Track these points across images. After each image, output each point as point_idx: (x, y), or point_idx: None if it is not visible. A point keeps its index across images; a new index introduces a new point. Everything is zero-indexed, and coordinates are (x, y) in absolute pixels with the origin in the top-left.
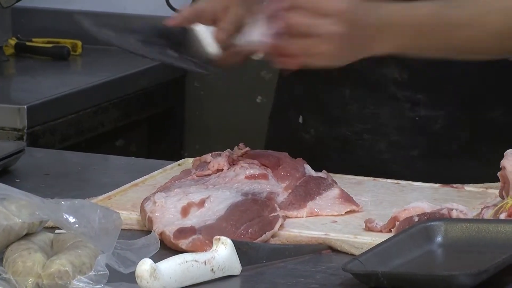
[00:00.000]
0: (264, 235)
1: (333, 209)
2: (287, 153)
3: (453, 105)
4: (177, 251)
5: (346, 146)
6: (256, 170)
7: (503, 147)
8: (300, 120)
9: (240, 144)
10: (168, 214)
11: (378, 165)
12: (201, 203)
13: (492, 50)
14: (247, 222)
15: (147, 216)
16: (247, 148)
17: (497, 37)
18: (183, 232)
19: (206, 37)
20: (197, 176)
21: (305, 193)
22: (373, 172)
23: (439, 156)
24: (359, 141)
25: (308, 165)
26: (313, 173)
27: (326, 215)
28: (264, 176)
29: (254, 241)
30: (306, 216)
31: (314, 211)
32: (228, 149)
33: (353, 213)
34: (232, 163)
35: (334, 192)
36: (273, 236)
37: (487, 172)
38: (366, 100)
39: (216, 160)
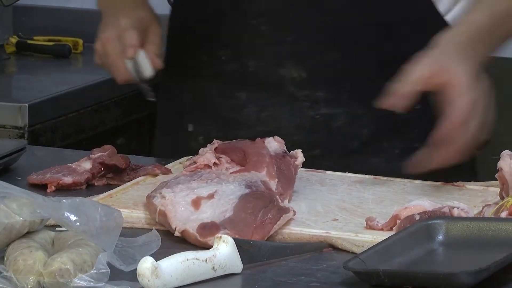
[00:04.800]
0: (281, 218)
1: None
2: (247, 140)
3: (353, 102)
4: (203, 247)
5: None
6: (236, 167)
7: (403, 143)
8: (190, 128)
9: (214, 140)
10: (180, 207)
11: None
12: (211, 197)
13: None
14: (263, 208)
15: (158, 210)
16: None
17: None
18: (206, 228)
19: (143, 60)
20: (187, 172)
21: (288, 181)
22: None
23: (340, 154)
24: None
25: (270, 139)
26: (277, 148)
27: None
28: (247, 170)
29: (257, 240)
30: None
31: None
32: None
33: (354, 212)
34: (218, 157)
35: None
36: (274, 234)
37: (388, 168)
38: (265, 103)
39: (205, 157)
